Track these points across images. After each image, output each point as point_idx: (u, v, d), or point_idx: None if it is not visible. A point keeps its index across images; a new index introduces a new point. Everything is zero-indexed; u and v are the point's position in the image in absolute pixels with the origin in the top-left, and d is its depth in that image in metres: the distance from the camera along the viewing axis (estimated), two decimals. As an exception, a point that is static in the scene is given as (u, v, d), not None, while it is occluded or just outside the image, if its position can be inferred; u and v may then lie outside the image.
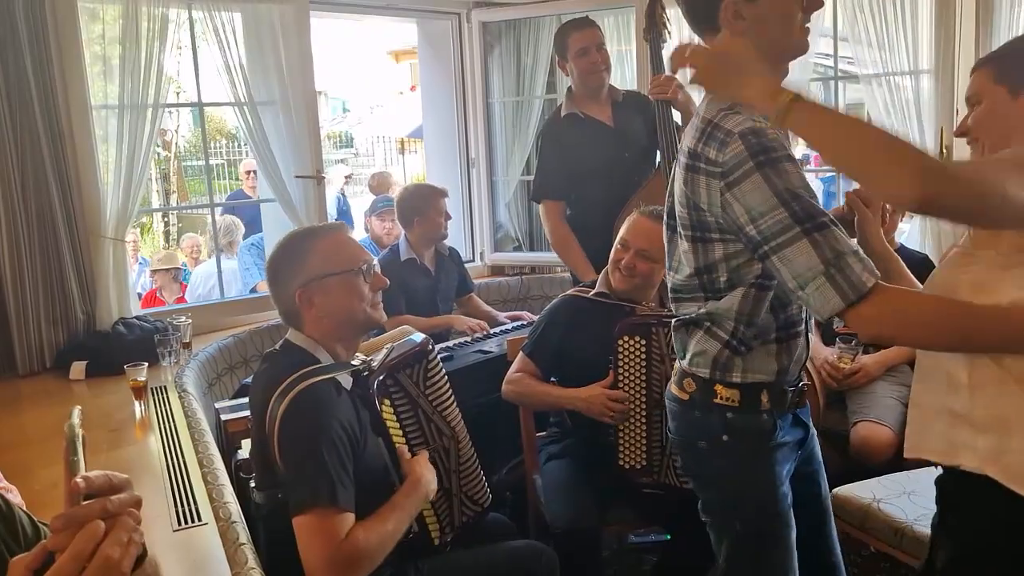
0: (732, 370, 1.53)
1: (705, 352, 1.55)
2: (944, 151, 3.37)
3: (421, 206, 3.33)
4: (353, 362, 1.83)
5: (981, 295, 1.25)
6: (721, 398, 1.54)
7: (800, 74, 3.74)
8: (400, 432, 1.85)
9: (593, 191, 3.10)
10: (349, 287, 1.75)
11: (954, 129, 1.62)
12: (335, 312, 1.75)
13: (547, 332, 2.48)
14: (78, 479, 0.78)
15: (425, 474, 1.76)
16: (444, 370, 1.99)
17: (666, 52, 3.06)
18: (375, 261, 1.84)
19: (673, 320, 1.64)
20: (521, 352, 2.51)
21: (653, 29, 3.04)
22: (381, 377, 1.82)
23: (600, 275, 2.50)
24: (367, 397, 1.80)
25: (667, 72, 2.99)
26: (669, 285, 1.63)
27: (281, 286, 1.78)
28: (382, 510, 1.64)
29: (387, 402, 1.83)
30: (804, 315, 1.57)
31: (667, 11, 3.09)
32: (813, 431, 1.73)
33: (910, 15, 3.27)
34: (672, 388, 1.65)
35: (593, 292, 2.47)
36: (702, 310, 1.54)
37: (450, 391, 1.98)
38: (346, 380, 1.77)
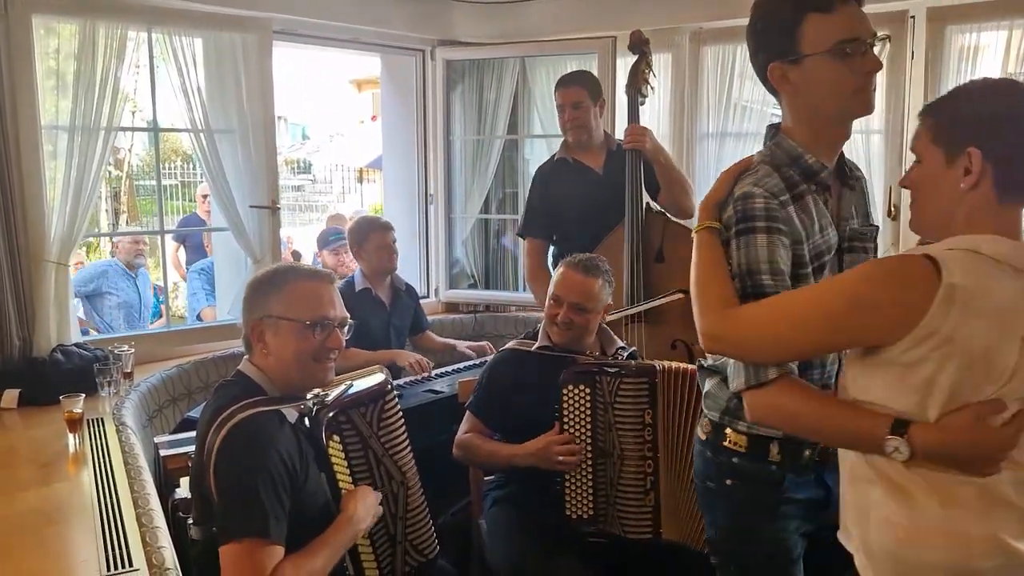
0: (741, 417, 1.52)
1: (716, 397, 1.59)
2: (892, 209, 3.46)
3: (359, 239, 3.35)
4: (307, 396, 1.80)
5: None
6: (729, 442, 1.57)
7: (759, 126, 3.83)
8: (347, 471, 1.81)
9: (574, 233, 3.16)
10: (298, 337, 1.71)
11: (899, 180, 1.66)
12: (279, 355, 1.73)
13: (491, 386, 2.46)
14: None
15: (358, 511, 1.71)
16: (401, 413, 1.95)
17: (644, 106, 3.09)
18: (344, 324, 1.79)
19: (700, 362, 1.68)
20: (467, 410, 2.49)
21: (634, 85, 3.07)
22: (332, 413, 1.80)
23: (540, 328, 2.50)
24: (314, 431, 1.77)
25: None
26: None
27: (246, 310, 1.78)
28: (312, 545, 1.61)
29: (336, 439, 1.80)
30: (828, 379, 1.53)
31: (652, 68, 3.09)
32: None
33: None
34: (697, 427, 1.71)
35: (536, 345, 2.47)
36: (719, 360, 1.58)
37: (405, 435, 1.94)
38: (291, 413, 1.74)
